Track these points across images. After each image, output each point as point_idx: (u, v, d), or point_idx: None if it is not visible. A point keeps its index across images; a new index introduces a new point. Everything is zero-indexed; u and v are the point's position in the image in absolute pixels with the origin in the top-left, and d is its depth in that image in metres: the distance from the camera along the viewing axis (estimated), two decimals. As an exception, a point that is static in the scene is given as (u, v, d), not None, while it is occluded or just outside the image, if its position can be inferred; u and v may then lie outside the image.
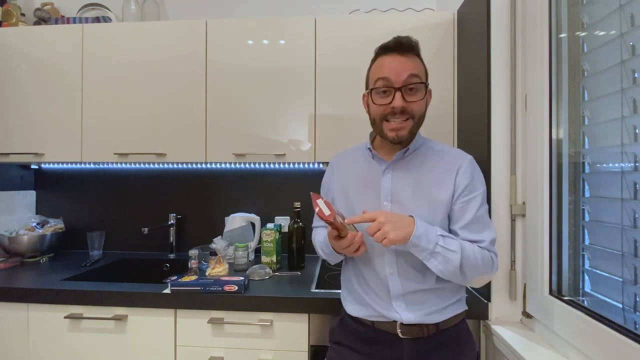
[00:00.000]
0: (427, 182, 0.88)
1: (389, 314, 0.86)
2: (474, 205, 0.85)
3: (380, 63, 0.85)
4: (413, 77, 0.82)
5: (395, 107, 0.82)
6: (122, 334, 1.20)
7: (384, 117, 0.85)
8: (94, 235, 1.68)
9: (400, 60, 0.83)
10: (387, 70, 0.83)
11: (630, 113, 0.74)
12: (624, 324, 0.74)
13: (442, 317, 0.86)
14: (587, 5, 0.90)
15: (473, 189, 0.86)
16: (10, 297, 1.22)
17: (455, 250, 0.80)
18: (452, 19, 1.38)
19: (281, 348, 1.16)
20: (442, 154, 0.91)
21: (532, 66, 1.02)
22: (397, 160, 0.90)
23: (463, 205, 0.86)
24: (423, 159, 0.90)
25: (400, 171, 0.89)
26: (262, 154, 1.44)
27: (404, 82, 0.82)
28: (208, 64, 1.47)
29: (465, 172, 0.87)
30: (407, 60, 0.83)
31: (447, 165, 0.88)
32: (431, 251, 0.79)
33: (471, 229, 0.85)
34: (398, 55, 0.83)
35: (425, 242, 0.78)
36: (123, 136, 1.49)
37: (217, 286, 1.17)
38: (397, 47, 0.83)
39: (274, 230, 1.49)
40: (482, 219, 0.86)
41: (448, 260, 0.80)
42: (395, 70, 0.82)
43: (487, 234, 0.85)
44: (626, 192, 0.75)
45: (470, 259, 0.81)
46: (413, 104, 0.83)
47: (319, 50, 1.42)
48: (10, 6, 1.70)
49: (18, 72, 1.53)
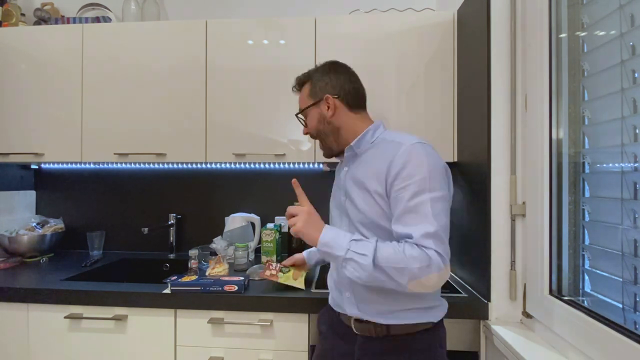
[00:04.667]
0: (367, 174, 0.87)
1: (343, 306, 0.92)
2: (406, 195, 0.77)
3: None
4: (299, 112, 1.01)
5: (303, 134, 1.03)
6: (122, 334, 1.20)
7: None
8: (94, 235, 1.68)
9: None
10: None
11: (630, 113, 0.74)
12: (624, 324, 0.74)
13: (393, 321, 0.84)
14: (587, 5, 0.90)
15: (408, 176, 0.78)
16: (10, 297, 1.22)
17: (366, 254, 0.75)
18: (452, 19, 1.38)
19: (281, 348, 1.16)
20: (389, 144, 0.87)
21: (532, 66, 1.02)
22: (351, 157, 0.96)
23: (396, 195, 0.80)
24: (373, 153, 0.90)
25: (353, 167, 0.94)
26: (262, 154, 1.44)
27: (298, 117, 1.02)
28: (208, 63, 1.47)
29: (399, 159, 0.80)
30: (298, 99, 1.02)
31: (385, 154, 0.84)
32: (343, 258, 0.78)
33: (402, 220, 0.78)
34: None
35: (336, 249, 0.79)
36: (123, 136, 1.49)
37: (217, 286, 1.17)
38: (294, 90, 1.04)
39: (274, 230, 1.49)
40: (418, 209, 0.76)
41: (360, 266, 0.76)
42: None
43: (421, 227, 0.75)
44: (626, 192, 0.75)
45: (391, 261, 0.74)
46: (308, 129, 1.00)
47: (319, 50, 1.42)
48: (10, 6, 1.70)
49: (18, 72, 1.53)
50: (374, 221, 0.85)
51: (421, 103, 1.39)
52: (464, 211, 1.28)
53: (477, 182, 1.18)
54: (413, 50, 1.39)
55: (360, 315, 0.88)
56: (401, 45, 1.39)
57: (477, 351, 1.13)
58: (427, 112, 1.39)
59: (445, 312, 0.91)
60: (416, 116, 1.39)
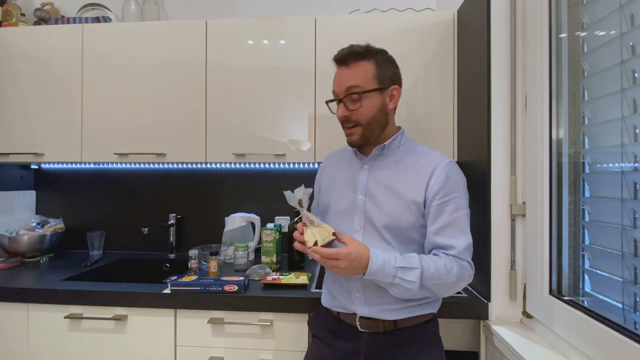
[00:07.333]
0: (401, 180, 0.89)
1: (349, 306, 0.90)
2: (448, 209, 0.85)
3: (334, 76, 0.93)
4: (352, 88, 0.87)
5: (339, 116, 0.91)
6: (122, 334, 1.20)
7: (341, 124, 0.93)
8: (94, 235, 1.68)
9: (342, 73, 0.90)
10: (334, 83, 0.92)
11: (630, 113, 0.74)
12: (624, 324, 0.74)
13: (400, 315, 0.87)
14: (587, 5, 0.90)
15: (448, 192, 0.85)
16: (10, 297, 1.22)
17: (414, 281, 0.80)
18: (452, 19, 1.38)
19: (281, 348, 1.16)
20: (421, 154, 0.92)
21: (532, 66, 1.02)
22: (376, 157, 0.94)
23: (437, 208, 0.85)
24: (401, 158, 0.93)
25: (378, 167, 0.93)
26: (262, 154, 1.44)
27: (345, 94, 0.88)
28: (208, 63, 1.47)
29: (440, 175, 0.86)
30: (349, 72, 0.88)
31: (423, 166, 0.89)
32: (389, 283, 0.81)
33: (445, 233, 0.85)
34: (342, 68, 0.90)
35: (382, 277, 0.81)
36: (123, 136, 1.49)
37: (217, 286, 1.17)
38: (340, 60, 0.90)
39: (274, 230, 1.49)
40: (457, 223, 0.85)
41: (407, 290, 0.81)
42: (337, 83, 0.90)
43: (462, 240, 0.84)
44: (626, 192, 0.75)
45: (435, 279, 0.81)
46: (356, 112, 0.88)
47: (319, 50, 1.42)
48: (10, 6, 1.70)
49: (18, 72, 1.53)
50: (400, 227, 0.87)
51: (421, 103, 1.39)
52: (464, 211, 1.28)
53: (477, 182, 1.18)
54: (413, 50, 1.39)
55: (370, 313, 0.88)
56: (401, 45, 1.39)
57: (477, 351, 1.14)
58: (427, 112, 1.39)
59: (440, 302, 0.96)
60: (416, 116, 1.39)
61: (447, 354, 0.94)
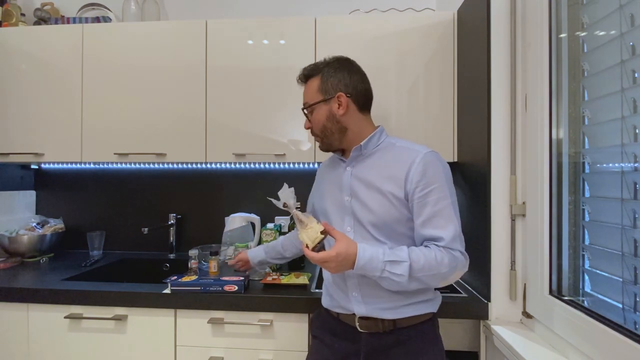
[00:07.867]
0: (381, 177, 0.90)
1: (347, 305, 0.91)
2: (431, 200, 0.85)
3: None
4: (305, 105, 0.98)
5: (305, 129, 1.00)
6: (122, 334, 1.20)
7: None
8: (94, 235, 1.68)
9: (302, 92, 1.00)
10: None
11: (630, 113, 0.74)
12: (624, 324, 0.74)
13: (399, 315, 0.88)
14: (587, 5, 0.90)
15: (428, 183, 0.85)
16: (10, 297, 1.22)
17: (402, 274, 0.80)
18: (452, 19, 1.38)
19: (281, 348, 1.16)
20: (401, 149, 0.92)
21: (532, 66, 1.02)
22: (356, 158, 0.96)
23: (420, 201, 0.85)
24: (382, 156, 0.94)
25: (359, 168, 0.95)
26: (262, 154, 1.44)
27: (304, 110, 0.99)
28: (208, 63, 1.47)
29: (417, 166, 0.86)
30: (304, 91, 0.99)
31: (402, 160, 0.89)
32: (378, 277, 0.82)
33: (431, 224, 0.85)
34: (302, 87, 1.00)
35: (370, 271, 0.81)
36: (123, 136, 1.49)
37: (217, 286, 1.17)
38: (299, 82, 1.01)
39: (274, 230, 1.49)
40: (442, 213, 0.85)
41: (397, 283, 0.82)
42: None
43: (449, 230, 0.84)
44: (626, 192, 0.75)
45: (425, 271, 0.81)
46: (313, 124, 0.98)
47: (319, 50, 1.42)
48: (10, 6, 1.70)
49: (18, 72, 1.53)
50: (387, 223, 0.88)
51: (421, 103, 1.39)
52: (464, 211, 1.28)
53: (477, 182, 1.18)
54: (413, 50, 1.39)
55: (368, 313, 0.88)
56: (401, 45, 1.39)
57: (477, 351, 1.14)
58: (427, 112, 1.39)
59: (440, 302, 0.96)
60: (416, 116, 1.39)
61: (447, 354, 0.94)
